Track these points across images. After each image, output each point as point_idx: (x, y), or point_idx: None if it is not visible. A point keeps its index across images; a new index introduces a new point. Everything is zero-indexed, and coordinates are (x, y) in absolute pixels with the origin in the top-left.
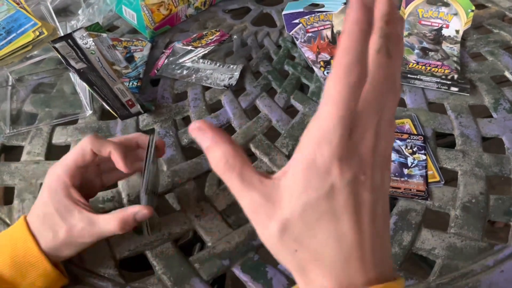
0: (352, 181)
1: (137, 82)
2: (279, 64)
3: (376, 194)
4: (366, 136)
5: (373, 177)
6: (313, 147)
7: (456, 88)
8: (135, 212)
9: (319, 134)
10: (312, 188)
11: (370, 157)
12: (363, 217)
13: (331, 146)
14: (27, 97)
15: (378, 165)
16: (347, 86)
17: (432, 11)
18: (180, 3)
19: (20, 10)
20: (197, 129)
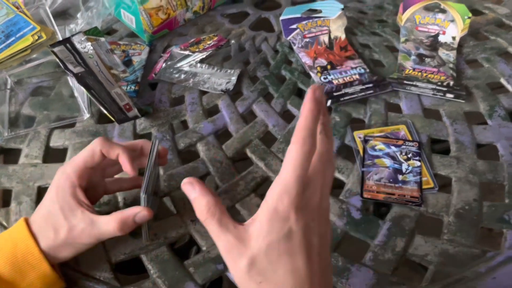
0: (305, 226)
1: (135, 86)
2: (276, 69)
3: (322, 240)
4: (316, 193)
5: (320, 225)
6: (276, 198)
7: (452, 94)
8: (135, 213)
9: (281, 189)
10: (274, 231)
11: (318, 210)
12: (313, 257)
13: (290, 198)
14: (26, 100)
15: (323, 217)
16: (303, 153)
17: (429, 17)
18: (179, 8)
19: (19, 14)
20: (188, 183)
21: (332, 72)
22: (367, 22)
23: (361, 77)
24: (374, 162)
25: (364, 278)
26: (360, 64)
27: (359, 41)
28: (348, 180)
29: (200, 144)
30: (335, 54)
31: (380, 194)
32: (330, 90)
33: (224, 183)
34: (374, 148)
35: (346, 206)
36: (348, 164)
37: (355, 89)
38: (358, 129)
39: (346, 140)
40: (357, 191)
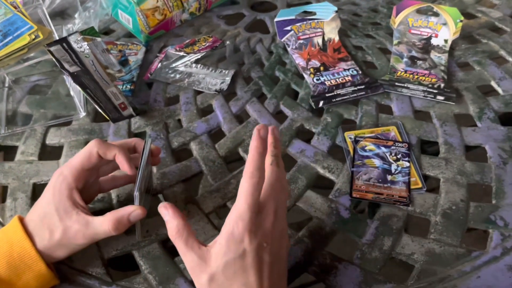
0: (257, 247)
1: (130, 85)
2: (270, 70)
3: (274, 257)
4: (268, 217)
5: (273, 245)
6: (232, 224)
7: (442, 97)
8: (129, 212)
9: (236, 216)
10: (231, 252)
11: (270, 231)
12: (263, 272)
13: (244, 223)
14: (23, 98)
15: (277, 237)
16: (252, 185)
17: (422, 20)
18: (175, 9)
19: (17, 13)
20: (163, 207)
21: (325, 74)
22: (361, 25)
23: (353, 78)
24: (364, 162)
25: (351, 275)
26: (352, 65)
27: (352, 43)
28: (338, 179)
29: (194, 143)
30: (328, 56)
31: (369, 193)
32: (323, 91)
33: (217, 181)
34: (364, 148)
35: (335, 205)
36: (338, 164)
37: (347, 90)
38: (349, 130)
39: (337, 140)
40: (346, 190)
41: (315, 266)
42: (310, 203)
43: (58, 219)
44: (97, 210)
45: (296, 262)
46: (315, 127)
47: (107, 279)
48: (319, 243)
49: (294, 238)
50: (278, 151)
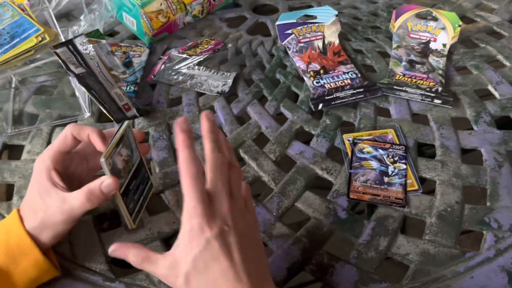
0: (219, 232)
1: (134, 86)
2: (271, 72)
3: (241, 236)
4: (222, 200)
5: (236, 225)
6: (188, 221)
7: (439, 100)
8: (101, 182)
9: (189, 212)
10: (195, 246)
11: (229, 213)
12: (234, 254)
13: (197, 215)
14: (29, 98)
15: (238, 216)
16: (190, 178)
17: (421, 24)
18: (178, 11)
19: (24, 16)
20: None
21: (325, 77)
22: (361, 28)
23: (352, 81)
24: (361, 164)
25: (348, 275)
26: (352, 69)
27: (352, 46)
28: (336, 181)
29: (195, 144)
30: (328, 59)
31: (366, 195)
32: (322, 94)
33: None
34: (362, 151)
35: (333, 206)
36: (336, 165)
37: (346, 93)
38: (348, 132)
39: (336, 142)
40: (344, 191)
41: (312, 265)
42: (308, 204)
43: (41, 200)
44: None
45: (294, 261)
46: (314, 129)
47: (110, 275)
48: (317, 243)
49: (292, 237)
50: (216, 135)
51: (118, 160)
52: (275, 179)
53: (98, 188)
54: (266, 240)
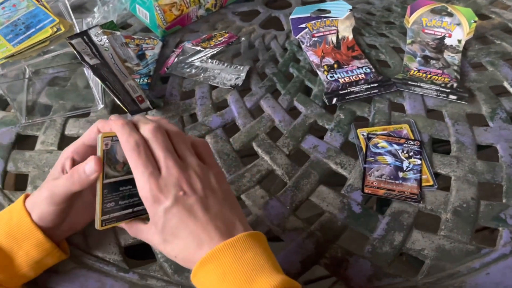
0: (175, 199)
1: (147, 79)
2: (285, 66)
3: (202, 195)
4: (170, 167)
5: (191, 187)
6: (144, 196)
7: (455, 96)
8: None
9: (140, 187)
10: (157, 220)
11: (182, 176)
12: (196, 212)
13: (149, 189)
14: (43, 89)
15: (195, 176)
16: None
17: (436, 20)
18: (192, 4)
19: (39, 6)
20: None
21: (339, 71)
22: (375, 23)
23: (366, 76)
24: (376, 159)
25: (362, 269)
26: (366, 64)
27: (366, 41)
28: (350, 175)
29: (209, 137)
30: (342, 54)
31: (380, 190)
32: (336, 88)
33: (231, 174)
34: (377, 145)
35: (347, 201)
36: (350, 160)
37: (360, 88)
38: (362, 127)
39: (350, 137)
40: (358, 186)
41: (326, 259)
42: (322, 198)
43: (47, 181)
44: None
45: (307, 255)
46: (328, 123)
47: (124, 266)
48: (331, 237)
49: (306, 231)
50: (138, 117)
51: (120, 151)
52: (289, 173)
53: (82, 169)
54: (279, 234)
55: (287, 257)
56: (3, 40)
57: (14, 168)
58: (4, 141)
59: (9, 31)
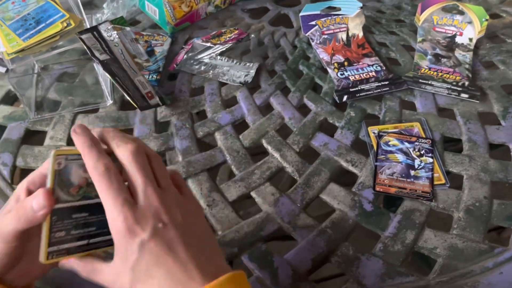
0: (154, 232)
1: (156, 75)
2: (294, 64)
3: (182, 228)
4: (149, 195)
5: (172, 219)
6: (115, 228)
7: (466, 94)
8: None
9: (113, 217)
10: (130, 255)
11: (162, 209)
12: (177, 248)
13: (124, 219)
14: (52, 85)
15: (174, 207)
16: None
17: (447, 18)
18: (201, 1)
19: (49, 1)
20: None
21: (349, 69)
22: (385, 21)
23: (377, 74)
24: (387, 157)
25: (374, 267)
26: (376, 61)
27: (376, 39)
28: (361, 173)
29: (218, 133)
30: (352, 51)
31: (392, 188)
32: (347, 86)
33: (241, 171)
34: (388, 143)
35: (358, 199)
36: (361, 158)
37: (371, 85)
38: (373, 125)
39: (361, 135)
40: (369, 184)
41: (338, 256)
42: (333, 195)
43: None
44: None
45: (319, 252)
46: (339, 121)
47: None
48: (342, 235)
49: (317, 229)
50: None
51: (76, 172)
52: (299, 170)
53: (29, 203)
54: (290, 231)
55: (298, 254)
56: (13, 34)
57: (23, 163)
58: (14, 136)
59: (19, 26)
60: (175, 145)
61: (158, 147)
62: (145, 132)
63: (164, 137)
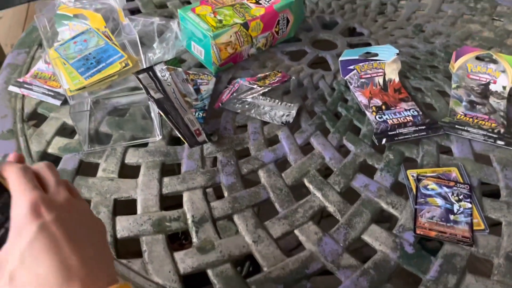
0: (57, 217)
1: (202, 113)
2: (333, 105)
3: (73, 226)
4: (60, 190)
5: (78, 213)
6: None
7: (502, 141)
8: None
9: (19, 202)
10: (26, 231)
11: (68, 202)
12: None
13: (35, 197)
14: (103, 119)
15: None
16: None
17: (481, 66)
18: (245, 44)
19: (109, 42)
20: None
21: (387, 112)
22: (419, 67)
23: (414, 119)
24: (426, 200)
25: None
26: (413, 106)
27: (411, 84)
28: (401, 215)
29: (262, 171)
30: (389, 96)
31: (432, 231)
32: (385, 129)
33: (284, 209)
34: (427, 187)
35: (400, 241)
36: (401, 200)
37: (408, 130)
38: (411, 168)
39: (400, 177)
40: (409, 226)
41: None
42: (375, 237)
43: None
44: (173, 230)
45: None
46: (378, 163)
47: None
48: (385, 276)
49: (360, 269)
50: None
51: None
52: (341, 211)
53: None
54: (334, 270)
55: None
56: (75, 72)
57: None
58: (69, 167)
59: (81, 65)
60: (221, 180)
61: (205, 182)
62: (192, 167)
63: (211, 173)
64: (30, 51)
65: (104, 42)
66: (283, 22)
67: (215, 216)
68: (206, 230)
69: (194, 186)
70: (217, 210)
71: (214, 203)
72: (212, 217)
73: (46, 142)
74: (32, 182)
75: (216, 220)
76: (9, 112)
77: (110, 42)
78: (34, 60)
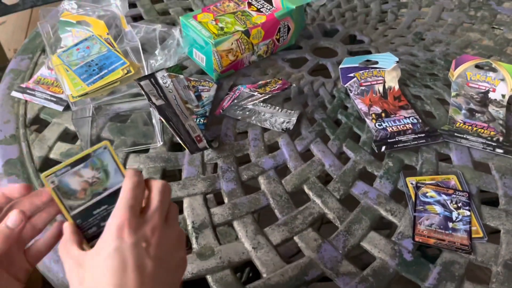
0: (135, 244)
1: (203, 119)
2: (333, 113)
3: (158, 261)
4: (153, 218)
5: (156, 247)
6: (107, 226)
7: (501, 150)
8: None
9: (111, 218)
10: (103, 250)
11: (155, 233)
12: (144, 275)
13: (121, 221)
14: (105, 125)
15: (164, 243)
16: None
17: (480, 75)
18: (246, 51)
19: (111, 49)
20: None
21: (386, 120)
22: (419, 75)
23: (413, 126)
24: (425, 208)
25: None
26: (412, 114)
27: (411, 92)
28: (400, 223)
29: (262, 177)
30: (389, 103)
31: (430, 239)
32: (385, 137)
33: (283, 215)
34: (426, 195)
35: (398, 248)
36: (400, 208)
37: (408, 137)
38: (410, 176)
39: (399, 185)
40: (408, 234)
41: None
42: (374, 244)
43: None
44: None
45: None
46: (377, 170)
47: None
48: (383, 283)
49: (359, 276)
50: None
51: (72, 180)
52: (340, 217)
53: (4, 223)
54: (333, 277)
55: None
56: (78, 79)
57: None
58: None
59: (84, 71)
60: (222, 187)
61: (205, 188)
62: (193, 174)
63: (211, 179)
64: (33, 57)
65: (106, 49)
66: (284, 29)
67: (215, 222)
68: (206, 236)
69: (195, 192)
70: (217, 216)
71: (214, 209)
72: (212, 223)
73: (48, 148)
74: (135, 200)
75: (216, 226)
76: (12, 118)
77: (112, 48)
78: (37, 66)
